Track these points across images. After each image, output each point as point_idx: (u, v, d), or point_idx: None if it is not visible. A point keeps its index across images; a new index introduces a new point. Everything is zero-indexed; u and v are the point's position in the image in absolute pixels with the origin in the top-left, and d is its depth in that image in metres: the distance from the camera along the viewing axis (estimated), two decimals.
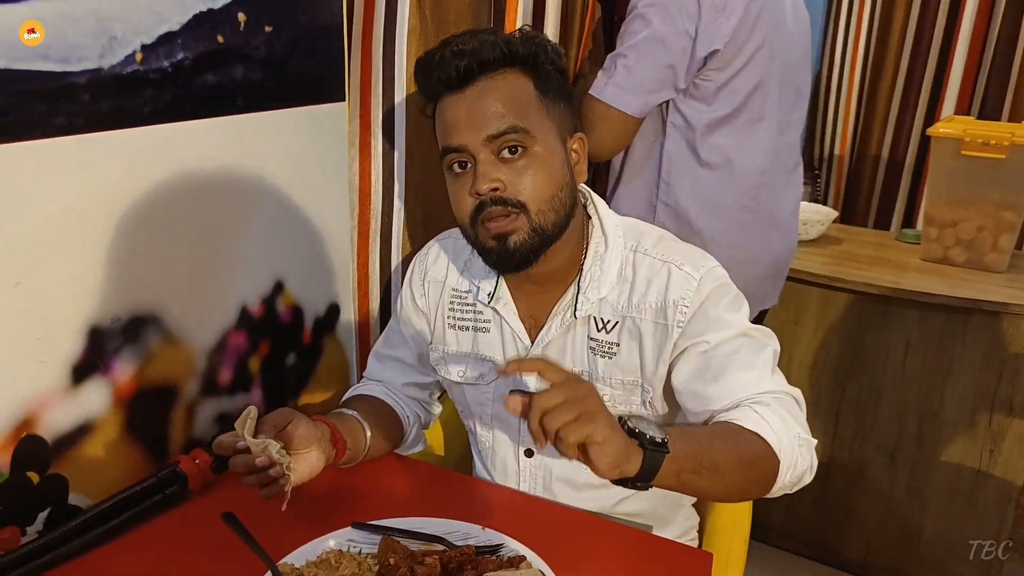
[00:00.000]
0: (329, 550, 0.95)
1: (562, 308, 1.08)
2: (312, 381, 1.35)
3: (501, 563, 0.93)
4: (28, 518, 0.97)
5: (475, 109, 0.98)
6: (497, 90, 0.98)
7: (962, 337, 1.87)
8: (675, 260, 1.05)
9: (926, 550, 2.03)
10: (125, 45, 0.96)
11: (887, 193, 2.78)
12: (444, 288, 1.18)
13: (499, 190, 0.98)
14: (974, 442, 1.92)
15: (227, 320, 1.17)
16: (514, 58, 1.00)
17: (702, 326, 1.01)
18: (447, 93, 1.01)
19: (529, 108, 0.99)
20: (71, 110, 0.92)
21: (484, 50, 0.98)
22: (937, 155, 2.01)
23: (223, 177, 1.12)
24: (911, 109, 2.70)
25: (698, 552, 0.99)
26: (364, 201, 1.40)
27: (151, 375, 1.08)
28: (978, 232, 1.99)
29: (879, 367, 1.98)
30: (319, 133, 1.26)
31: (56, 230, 0.93)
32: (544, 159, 0.99)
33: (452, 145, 1.00)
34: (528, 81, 1.01)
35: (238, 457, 0.92)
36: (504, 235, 0.99)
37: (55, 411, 0.97)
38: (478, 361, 1.16)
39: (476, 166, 0.99)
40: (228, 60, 1.09)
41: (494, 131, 0.97)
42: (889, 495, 2.04)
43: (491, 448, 1.19)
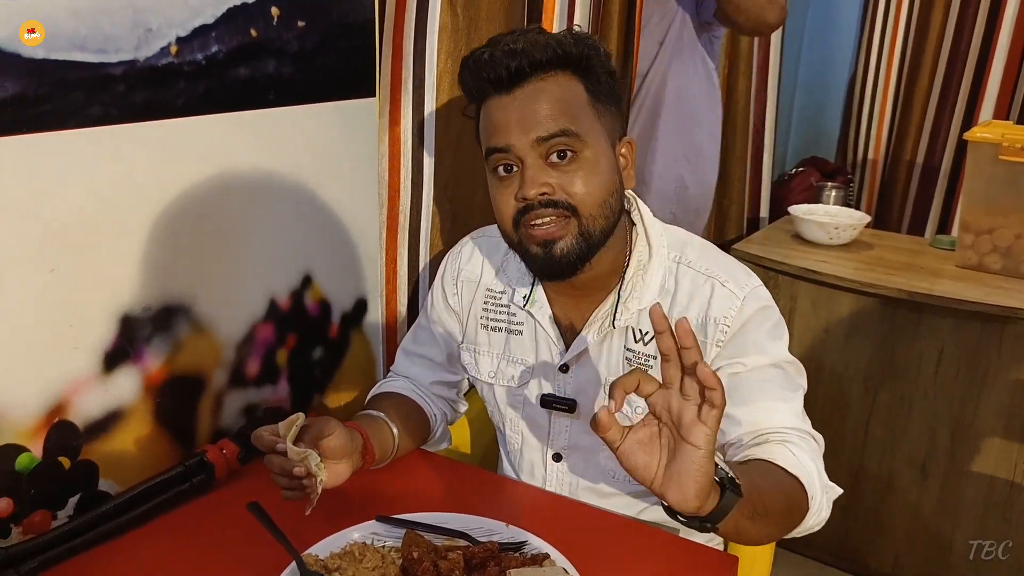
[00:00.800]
0: (353, 542, 0.96)
1: (600, 316, 1.06)
2: (338, 375, 1.35)
3: (524, 560, 0.92)
4: (59, 502, 0.98)
5: (525, 110, 0.96)
6: (548, 92, 0.96)
7: (997, 346, 1.83)
8: (719, 276, 1.03)
9: (956, 563, 1.99)
10: (160, 37, 0.98)
11: (922, 198, 2.74)
12: (478, 288, 1.17)
13: (547, 194, 0.96)
14: (1008, 455, 1.87)
15: (256, 312, 1.18)
16: (566, 60, 0.97)
17: (740, 348, 1.00)
18: (495, 93, 0.98)
19: (580, 111, 0.97)
20: (107, 100, 0.93)
21: (536, 50, 0.96)
22: (974, 160, 1.97)
23: (254, 170, 1.13)
24: (948, 113, 2.66)
25: (724, 555, 0.98)
26: (393, 197, 1.40)
27: (180, 364, 1.09)
28: (1016, 239, 1.95)
29: (911, 376, 1.94)
30: (349, 128, 1.26)
31: (91, 219, 0.95)
32: (594, 163, 0.97)
33: (498, 146, 0.97)
34: (579, 84, 0.99)
35: (275, 458, 0.91)
36: (550, 241, 0.97)
37: (86, 397, 0.98)
38: (510, 363, 1.15)
39: (523, 170, 0.97)
40: (261, 54, 1.09)
41: (544, 133, 0.95)
42: (919, 506, 2.00)
43: (519, 450, 1.18)
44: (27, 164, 0.88)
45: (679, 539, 1.04)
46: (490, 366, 1.17)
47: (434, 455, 1.22)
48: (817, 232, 2.13)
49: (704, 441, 0.75)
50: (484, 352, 1.17)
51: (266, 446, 0.92)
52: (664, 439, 0.79)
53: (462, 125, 1.42)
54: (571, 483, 1.15)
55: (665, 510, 0.83)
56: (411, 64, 1.35)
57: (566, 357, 1.09)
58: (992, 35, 2.53)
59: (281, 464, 0.91)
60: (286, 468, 0.91)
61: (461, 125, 1.42)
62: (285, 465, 0.91)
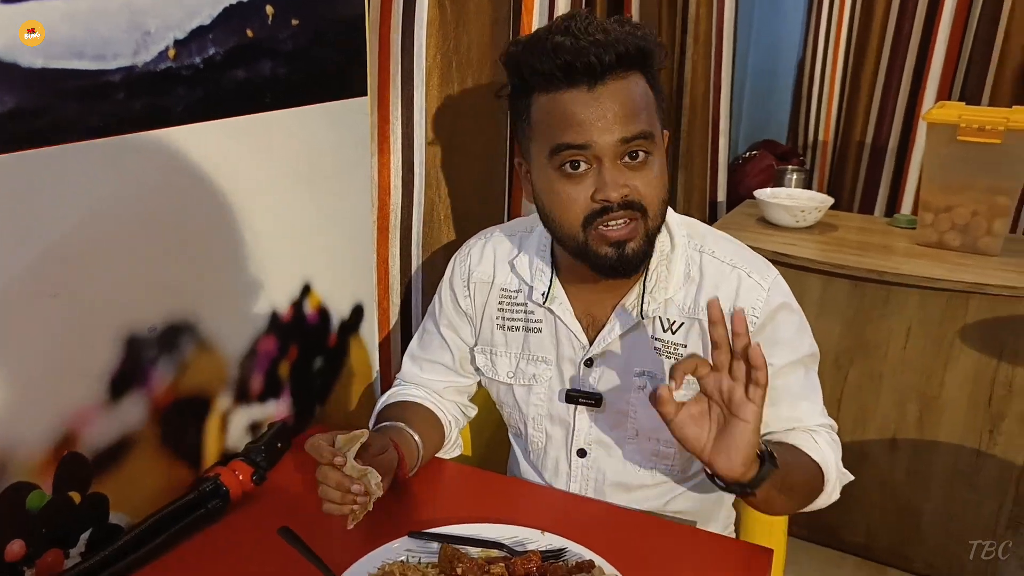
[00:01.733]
0: (391, 562, 0.93)
1: (627, 307, 1.06)
2: (337, 384, 1.31)
3: (569, 569, 0.91)
4: (70, 540, 0.92)
5: (608, 108, 0.92)
6: (630, 90, 0.94)
7: (962, 321, 1.90)
8: (744, 267, 1.05)
9: (926, 532, 2.07)
10: (158, 41, 0.92)
11: (871, 178, 2.81)
12: (492, 288, 1.14)
13: (627, 196, 0.95)
14: (974, 424, 1.95)
15: (259, 325, 1.13)
16: (640, 55, 0.94)
17: (769, 346, 1.01)
18: (570, 86, 0.93)
19: (652, 111, 0.96)
20: (105, 110, 0.87)
21: (621, 44, 0.92)
22: (932, 141, 2.03)
23: (252, 177, 1.08)
24: (893, 95, 2.73)
25: (760, 549, 0.98)
26: (383, 196, 1.36)
27: (186, 385, 1.04)
28: (972, 217, 2.02)
29: (880, 353, 2.00)
30: (342, 129, 1.22)
31: (92, 238, 0.89)
32: (660, 164, 0.97)
33: (575, 143, 0.93)
34: (646, 82, 0.97)
35: (332, 472, 0.88)
36: (623, 242, 0.96)
37: (94, 427, 0.93)
38: (529, 361, 1.13)
39: (602, 170, 0.94)
40: (257, 55, 1.04)
41: (628, 135, 0.93)
42: (890, 479, 2.07)
43: (543, 448, 1.17)
44: (26, 182, 0.81)
45: (714, 535, 1.05)
46: (508, 366, 1.15)
47: (448, 463, 1.19)
48: (783, 215, 2.17)
49: (752, 416, 0.86)
50: (501, 353, 1.15)
51: (324, 458, 0.89)
52: (714, 415, 0.89)
53: (453, 122, 1.39)
54: (596, 478, 1.14)
55: (708, 477, 0.93)
56: (399, 60, 1.31)
57: (591, 351, 1.09)
58: (934, 19, 2.61)
59: (338, 479, 0.88)
60: (344, 484, 0.88)
61: (453, 122, 1.38)
62: (343, 481, 0.88)
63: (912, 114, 2.71)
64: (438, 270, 1.45)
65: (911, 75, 2.69)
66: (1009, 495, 1.95)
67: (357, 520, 0.91)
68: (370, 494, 0.89)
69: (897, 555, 2.13)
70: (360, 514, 0.91)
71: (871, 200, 2.83)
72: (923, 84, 2.67)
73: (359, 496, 0.88)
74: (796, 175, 2.43)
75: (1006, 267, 1.94)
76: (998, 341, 1.87)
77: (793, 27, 2.96)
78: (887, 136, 2.76)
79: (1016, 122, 1.90)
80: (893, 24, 2.69)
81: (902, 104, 2.72)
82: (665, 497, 1.13)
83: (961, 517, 2.02)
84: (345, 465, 0.88)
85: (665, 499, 1.13)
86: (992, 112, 1.99)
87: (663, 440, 1.09)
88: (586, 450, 1.13)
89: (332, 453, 0.88)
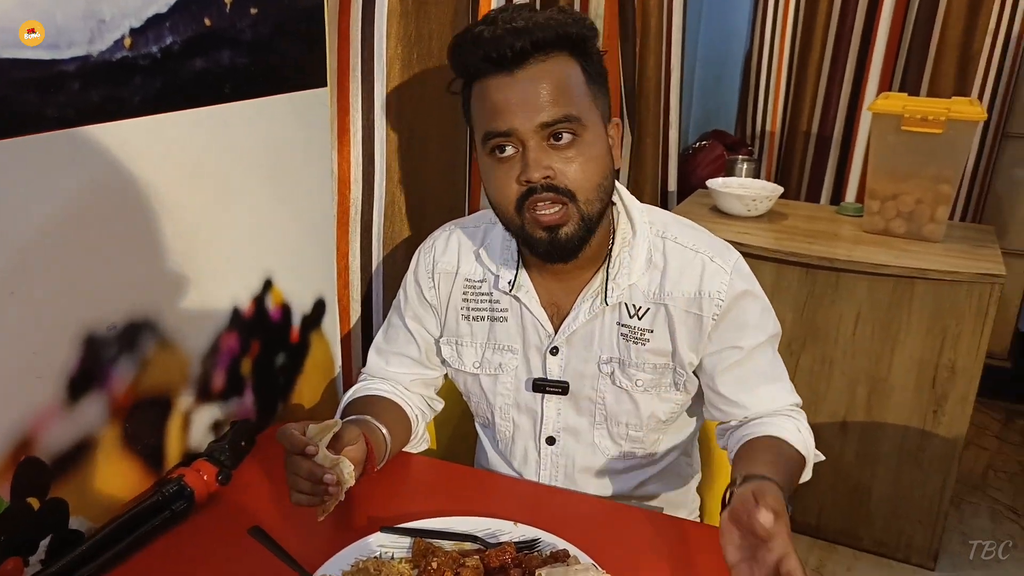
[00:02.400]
0: (365, 558, 0.92)
1: (589, 295, 1.07)
2: (300, 379, 1.29)
3: (544, 559, 0.91)
4: (30, 547, 0.89)
5: (528, 93, 0.94)
6: (550, 74, 0.95)
7: (908, 305, 1.96)
8: (707, 252, 1.06)
9: (875, 511, 2.14)
10: (114, 29, 0.88)
11: (817, 167, 2.88)
12: (456, 279, 1.14)
13: (550, 178, 0.95)
14: (919, 405, 2.02)
15: (220, 321, 1.11)
16: (567, 40, 0.96)
17: (737, 329, 1.05)
18: (494, 73, 0.95)
19: (579, 94, 0.97)
20: (62, 101, 0.84)
21: (539, 29, 0.93)
22: (878, 131, 2.08)
23: (212, 170, 1.05)
24: (837, 86, 2.80)
25: None
26: (343, 190, 1.34)
27: (147, 384, 1.01)
28: (916, 204, 2.08)
29: (831, 338, 2.05)
30: (302, 121, 1.19)
31: (48, 232, 0.85)
32: (592, 147, 0.98)
33: (500, 129, 0.95)
34: (577, 66, 0.98)
35: (303, 462, 0.88)
36: (555, 226, 0.97)
37: (53, 429, 0.89)
38: (495, 351, 1.13)
39: (526, 152, 0.95)
40: (216, 44, 1.01)
41: (548, 118, 0.94)
42: (841, 460, 2.13)
43: (511, 438, 1.17)
44: None
45: (683, 521, 1.06)
46: (474, 356, 1.15)
47: (418, 457, 1.19)
48: (735, 205, 2.21)
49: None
50: (467, 343, 1.15)
51: (296, 447, 0.87)
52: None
53: (416, 114, 1.37)
54: (566, 465, 1.15)
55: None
56: (359, 50, 1.28)
57: (556, 339, 1.09)
58: (875, 13, 2.68)
59: (309, 469, 0.87)
60: (315, 474, 0.87)
61: (415, 114, 1.37)
62: (314, 470, 0.87)
63: (855, 104, 2.79)
64: (399, 264, 1.44)
65: (854, 66, 2.77)
66: (952, 473, 2.02)
67: (327, 512, 0.90)
68: (342, 484, 0.88)
69: (847, 534, 2.19)
70: (331, 506, 0.90)
71: (817, 189, 2.90)
72: (865, 75, 2.74)
73: (331, 486, 0.87)
74: (747, 165, 2.48)
75: (949, 252, 2.01)
76: (941, 325, 1.94)
77: (741, 18, 3.01)
78: (832, 126, 2.83)
79: (957, 112, 1.96)
80: (837, 16, 2.76)
81: (846, 95, 2.80)
82: (634, 481, 1.14)
83: (908, 495, 2.09)
84: (317, 454, 0.87)
85: (634, 483, 1.14)
86: (934, 103, 2.05)
87: (631, 425, 1.11)
88: (555, 437, 1.14)
89: (304, 442, 0.87)
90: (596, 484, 1.14)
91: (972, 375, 1.94)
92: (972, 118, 1.97)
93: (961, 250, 2.02)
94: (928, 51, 2.64)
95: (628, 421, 1.11)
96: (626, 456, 1.13)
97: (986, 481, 2.50)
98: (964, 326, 1.92)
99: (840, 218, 2.28)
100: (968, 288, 1.89)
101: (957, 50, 2.60)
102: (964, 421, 1.98)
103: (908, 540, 2.13)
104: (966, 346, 1.93)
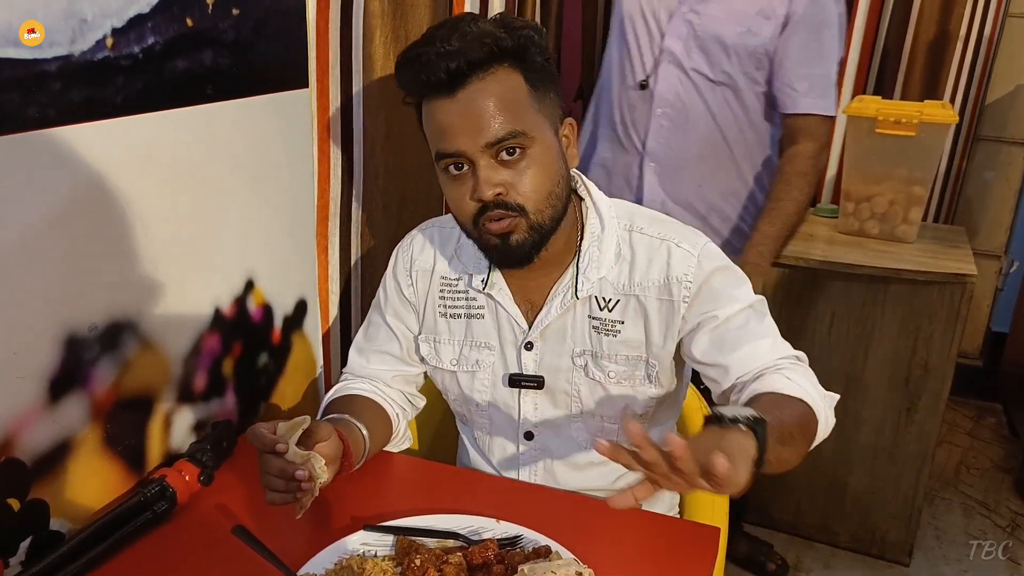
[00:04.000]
0: (348, 556, 0.92)
1: (561, 290, 1.08)
2: (282, 380, 1.29)
3: (527, 555, 0.92)
4: (10, 548, 0.89)
5: (470, 114, 0.94)
6: (490, 92, 0.95)
7: (881, 305, 1.99)
8: (672, 238, 1.07)
9: (851, 507, 2.17)
10: (95, 29, 0.88)
11: None
12: (433, 277, 1.16)
13: (501, 195, 0.97)
14: (892, 403, 2.05)
15: (202, 322, 1.11)
16: (503, 54, 0.96)
17: (711, 302, 1.04)
18: (436, 96, 0.96)
19: (523, 107, 0.97)
20: (43, 101, 0.84)
21: (472, 49, 0.93)
22: (853, 133, 2.12)
23: (194, 170, 1.05)
24: None
25: (708, 528, 1.02)
26: (323, 188, 1.34)
27: (128, 385, 1.01)
28: (890, 206, 2.12)
29: (808, 337, 2.08)
30: (284, 122, 1.20)
31: (28, 233, 0.85)
32: (541, 157, 0.98)
33: (448, 151, 0.97)
34: (518, 76, 0.97)
35: (275, 460, 0.88)
36: (506, 234, 0.98)
37: (33, 430, 0.89)
38: (472, 348, 1.14)
39: (476, 171, 0.96)
40: (198, 45, 1.02)
41: (492, 138, 0.95)
42: (818, 457, 2.14)
43: (489, 434, 1.18)
44: None
45: (662, 516, 1.07)
46: (452, 354, 1.16)
47: (400, 456, 1.19)
48: None
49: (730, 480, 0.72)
50: (445, 341, 1.16)
51: (266, 445, 0.87)
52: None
53: (394, 114, 1.38)
54: (545, 459, 1.16)
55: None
56: (337, 49, 1.29)
57: (530, 335, 1.11)
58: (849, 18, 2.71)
59: (281, 466, 0.87)
60: (286, 471, 0.87)
61: (393, 114, 1.38)
62: (286, 467, 0.87)
63: None
64: (378, 262, 1.45)
65: None
66: (925, 469, 2.06)
67: (304, 509, 0.90)
68: (315, 479, 0.88)
69: (824, 530, 2.22)
70: (307, 502, 0.90)
71: None
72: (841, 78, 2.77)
73: (304, 482, 0.88)
74: None
75: (921, 253, 2.05)
76: (914, 324, 1.97)
77: None
78: None
79: (928, 115, 2.00)
80: None
81: None
82: (614, 475, 1.15)
83: (882, 491, 2.12)
84: (287, 451, 0.87)
85: (614, 476, 1.16)
86: (907, 106, 2.09)
87: (607, 417, 1.12)
88: (533, 432, 1.15)
89: (273, 440, 0.87)
90: (575, 478, 1.15)
91: (945, 373, 1.98)
92: (944, 121, 2.01)
93: (933, 250, 2.06)
94: (901, 55, 2.68)
95: (603, 413, 1.12)
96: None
97: (959, 477, 2.55)
98: (936, 325, 1.95)
99: (816, 219, 2.31)
100: (940, 288, 1.92)
101: (928, 54, 2.65)
102: (937, 419, 2.02)
103: (883, 536, 2.16)
104: (938, 345, 1.96)
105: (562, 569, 0.86)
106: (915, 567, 2.14)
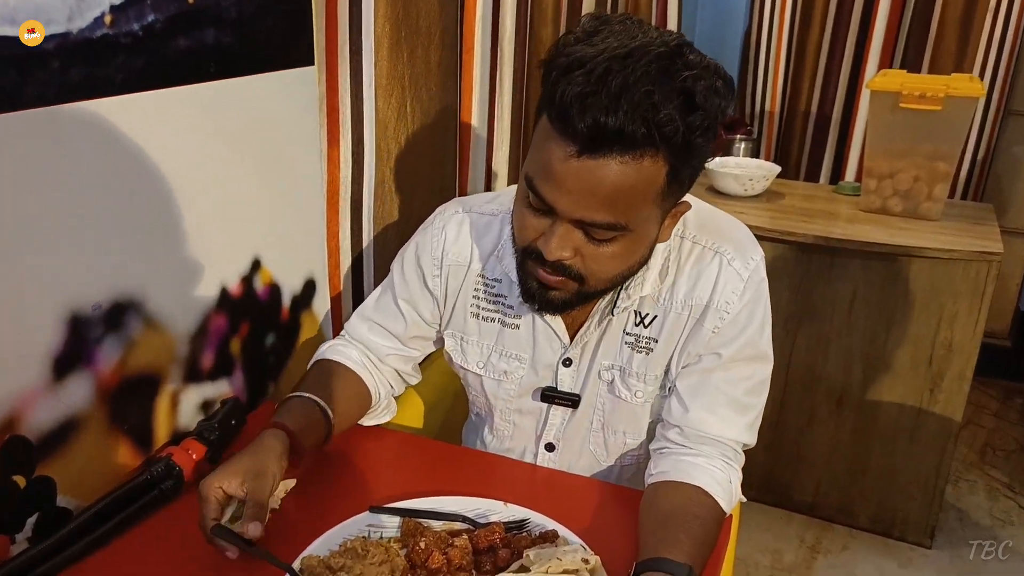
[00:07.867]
0: (353, 538, 0.92)
1: (603, 305, 1.03)
2: (291, 360, 1.29)
3: (533, 539, 0.91)
4: (16, 525, 0.89)
5: (583, 184, 0.82)
6: (620, 176, 0.81)
7: (904, 284, 1.96)
8: (726, 251, 0.99)
9: (870, 488, 2.14)
10: (93, 6, 0.87)
11: (816, 146, 2.86)
12: (468, 273, 1.09)
13: (565, 261, 0.89)
14: (914, 383, 2.02)
15: (208, 302, 1.10)
16: (664, 141, 0.80)
17: (728, 336, 0.99)
18: (565, 139, 0.81)
19: (644, 201, 0.85)
20: (42, 79, 0.83)
21: (633, 123, 0.77)
22: (876, 108, 2.06)
23: (198, 149, 1.05)
24: (837, 64, 2.77)
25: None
26: (333, 170, 1.33)
27: (134, 364, 1.01)
28: (914, 182, 2.07)
29: (827, 316, 2.05)
30: (290, 100, 1.18)
31: (31, 212, 0.85)
32: (630, 246, 0.89)
33: (540, 193, 0.86)
34: (664, 169, 0.83)
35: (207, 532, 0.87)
36: (550, 288, 0.92)
37: (38, 408, 0.89)
38: (502, 357, 1.10)
39: (554, 226, 0.87)
40: (199, 22, 1.00)
41: (590, 220, 0.85)
42: (836, 438, 2.13)
43: (510, 436, 1.16)
44: None
45: None
46: (479, 356, 1.12)
47: (407, 436, 1.19)
48: (732, 184, 2.19)
49: None
50: (473, 342, 1.11)
51: (202, 527, 0.87)
52: None
53: (404, 94, 1.36)
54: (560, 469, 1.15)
55: None
56: (347, 29, 1.27)
57: (571, 351, 1.07)
58: None
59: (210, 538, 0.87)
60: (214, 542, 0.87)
61: (403, 93, 1.36)
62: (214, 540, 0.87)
63: (855, 83, 2.76)
64: (389, 244, 1.44)
65: (854, 44, 2.74)
66: (949, 451, 2.02)
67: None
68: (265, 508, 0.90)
69: (843, 511, 2.20)
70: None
71: (816, 168, 2.88)
72: (866, 53, 2.71)
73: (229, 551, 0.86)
74: (744, 144, 2.46)
75: (945, 231, 2.00)
76: (938, 303, 1.93)
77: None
78: (832, 105, 2.81)
79: (955, 89, 1.94)
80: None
81: (846, 73, 2.77)
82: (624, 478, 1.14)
83: (903, 473, 2.09)
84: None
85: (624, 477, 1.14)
86: (932, 80, 2.03)
87: (628, 433, 1.09)
88: (554, 444, 1.13)
89: (206, 527, 0.87)
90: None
91: (969, 353, 1.94)
92: (971, 94, 1.95)
93: (958, 228, 2.01)
94: (929, 28, 2.61)
95: (625, 429, 1.09)
96: (624, 464, 1.13)
97: (983, 459, 2.51)
98: (961, 304, 1.91)
99: (838, 197, 2.27)
100: (964, 266, 1.88)
101: (958, 27, 2.57)
102: (961, 399, 1.98)
103: (904, 518, 2.13)
104: (963, 324, 1.92)
105: (568, 555, 0.85)
106: (937, 549, 2.12)
